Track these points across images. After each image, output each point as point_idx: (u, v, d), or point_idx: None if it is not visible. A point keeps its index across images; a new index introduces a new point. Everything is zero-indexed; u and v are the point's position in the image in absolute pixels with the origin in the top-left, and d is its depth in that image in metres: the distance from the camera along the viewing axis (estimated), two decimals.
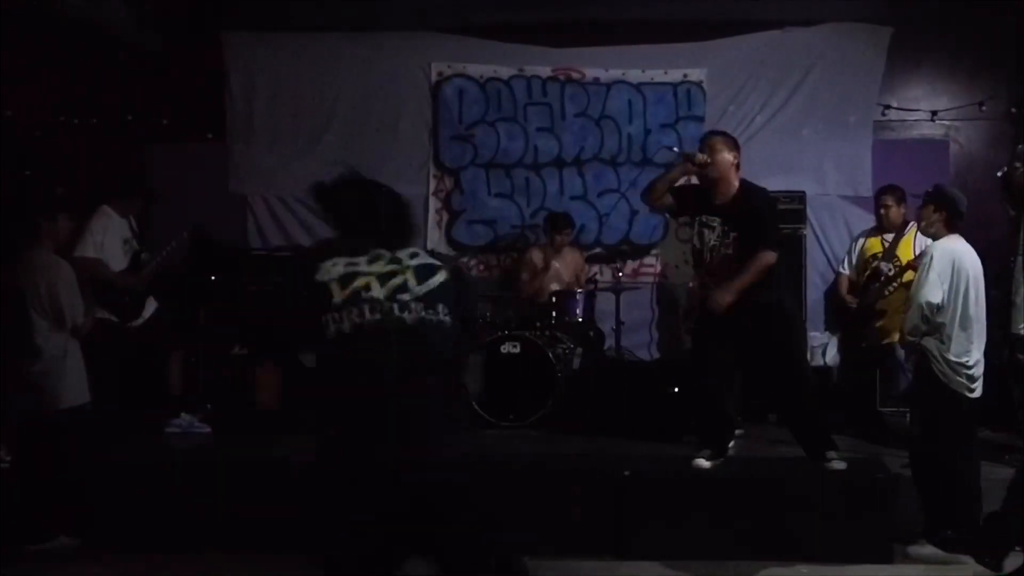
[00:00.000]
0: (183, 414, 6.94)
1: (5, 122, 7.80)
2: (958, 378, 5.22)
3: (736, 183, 5.65)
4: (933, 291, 5.18)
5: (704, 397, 5.81)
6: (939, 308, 5.17)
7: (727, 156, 5.61)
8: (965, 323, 5.21)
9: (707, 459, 5.61)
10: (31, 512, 5.61)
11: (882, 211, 7.00)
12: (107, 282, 6.68)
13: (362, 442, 3.11)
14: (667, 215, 7.59)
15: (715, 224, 5.59)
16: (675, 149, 5.91)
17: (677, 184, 5.79)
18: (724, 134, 5.88)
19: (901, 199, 6.96)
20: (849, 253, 7.35)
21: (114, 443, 6.22)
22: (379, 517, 3.09)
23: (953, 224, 5.38)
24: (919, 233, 6.69)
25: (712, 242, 5.59)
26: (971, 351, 5.25)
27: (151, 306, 6.96)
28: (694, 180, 5.86)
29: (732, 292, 5.44)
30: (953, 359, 5.18)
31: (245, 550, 5.44)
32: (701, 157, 5.57)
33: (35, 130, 8.15)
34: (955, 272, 5.22)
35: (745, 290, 5.45)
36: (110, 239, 6.79)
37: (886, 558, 5.25)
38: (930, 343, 5.23)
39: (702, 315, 5.80)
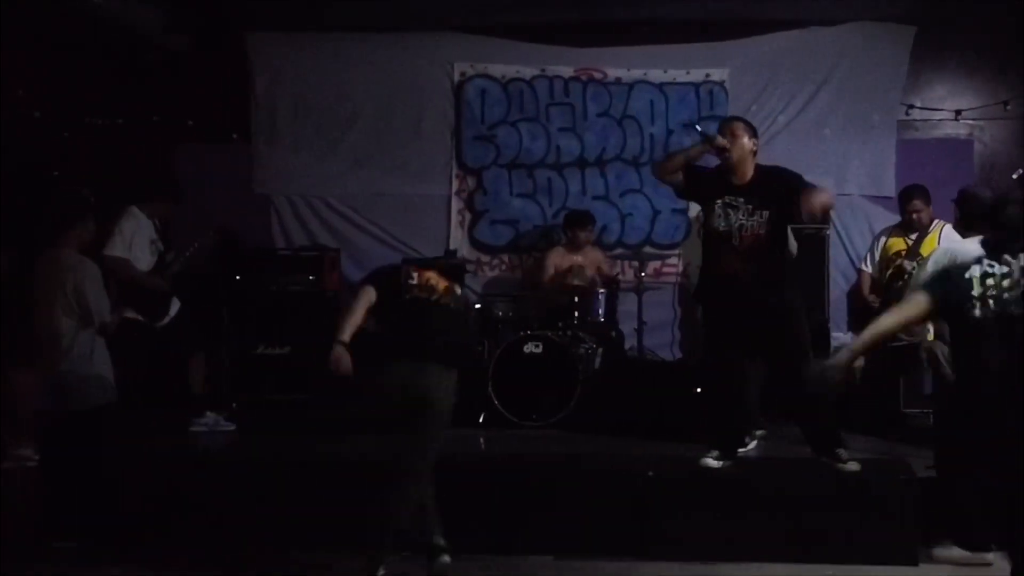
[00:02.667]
0: (208, 412, 6.99)
1: (34, 123, 7.87)
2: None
3: (752, 167, 5.65)
4: None
5: (718, 398, 5.81)
6: None
7: (747, 141, 5.61)
8: None
9: (715, 459, 5.61)
10: (58, 510, 5.66)
11: (913, 216, 6.93)
12: (134, 282, 6.73)
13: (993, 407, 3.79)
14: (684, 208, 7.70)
15: (739, 204, 5.55)
16: (697, 128, 5.84)
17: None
18: (744, 120, 5.86)
19: (928, 200, 6.92)
20: (871, 250, 7.32)
21: (141, 441, 6.27)
22: None
23: (969, 224, 5.37)
24: (943, 231, 6.72)
25: (739, 222, 5.56)
26: None
27: (175, 306, 7.01)
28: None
29: None
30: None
31: (271, 546, 5.48)
32: (721, 140, 5.55)
33: (63, 130, 8.22)
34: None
35: (757, 287, 5.48)
36: (138, 240, 6.84)
37: (911, 560, 5.22)
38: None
39: (715, 316, 5.80)
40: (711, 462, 5.60)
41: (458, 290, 5.31)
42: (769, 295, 5.50)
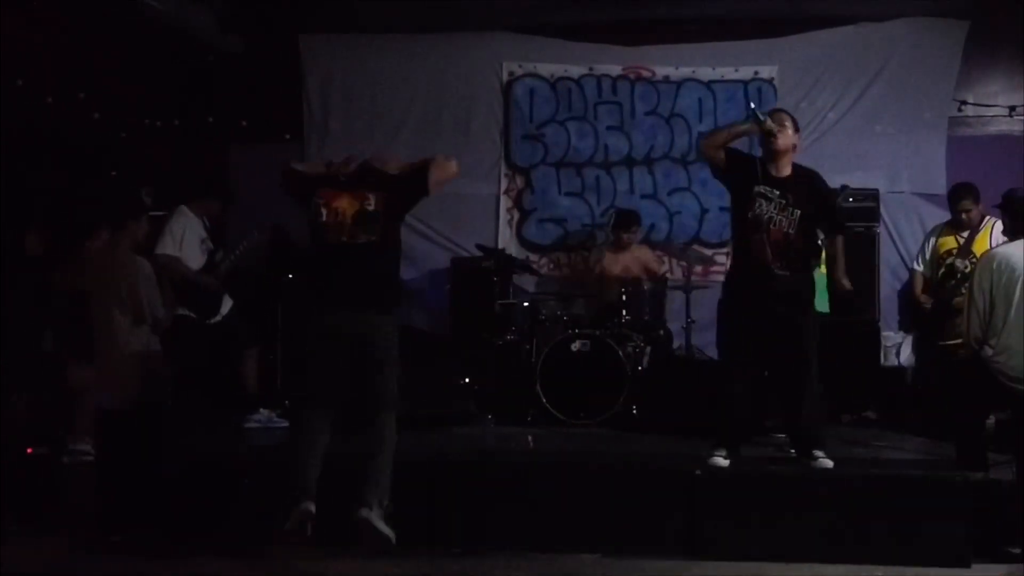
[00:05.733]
0: (261, 409, 7.09)
1: (93, 124, 8.03)
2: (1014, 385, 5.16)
3: (791, 164, 5.66)
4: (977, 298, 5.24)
5: (721, 396, 5.81)
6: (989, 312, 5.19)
7: (791, 134, 5.62)
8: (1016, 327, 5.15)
9: (724, 458, 5.62)
10: (113, 504, 5.77)
11: (963, 216, 6.87)
12: (186, 280, 6.85)
13: None
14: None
15: (773, 195, 5.55)
16: (752, 105, 5.82)
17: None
18: (791, 114, 5.84)
19: (978, 198, 6.85)
20: (922, 250, 7.24)
21: (194, 438, 6.36)
22: None
23: (1017, 229, 5.34)
24: (994, 228, 6.64)
25: (770, 213, 5.55)
26: None
27: (227, 304, 7.11)
28: None
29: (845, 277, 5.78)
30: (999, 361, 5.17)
31: (325, 543, 5.54)
32: (770, 124, 5.54)
33: (121, 132, 8.38)
34: (999, 276, 5.19)
35: (785, 289, 5.51)
36: (188, 238, 6.95)
37: (963, 562, 5.18)
38: (985, 350, 5.21)
39: (737, 310, 5.76)
40: (720, 461, 5.60)
41: (370, 205, 5.08)
42: (794, 302, 5.53)
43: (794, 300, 5.55)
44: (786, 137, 5.59)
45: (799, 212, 5.52)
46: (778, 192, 5.55)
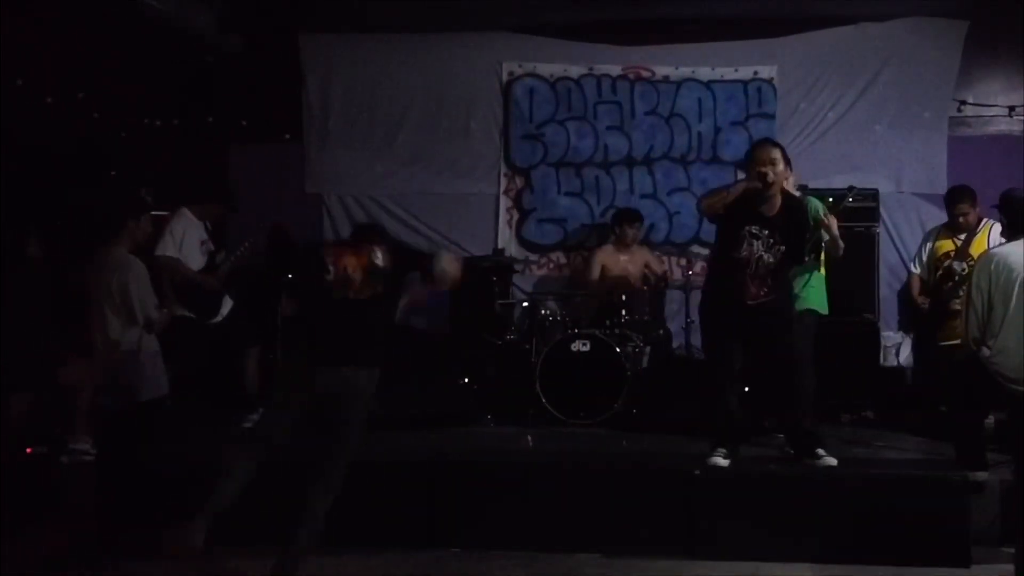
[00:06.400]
0: (261, 409, 7.07)
1: (92, 124, 8.04)
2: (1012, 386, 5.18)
3: (780, 196, 5.66)
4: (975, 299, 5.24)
5: (715, 398, 5.82)
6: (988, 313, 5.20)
7: (783, 169, 5.61)
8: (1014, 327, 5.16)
9: (724, 458, 5.63)
10: (113, 504, 5.77)
11: (960, 219, 6.87)
12: (186, 281, 6.85)
13: None
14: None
15: (763, 235, 5.57)
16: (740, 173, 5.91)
17: None
18: (780, 145, 5.82)
19: (975, 201, 6.84)
20: (920, 253, 7.23)
21: (193, 438, 6.37)
22: None
23: (1016, 229, 5.35)
24: (991, 231, 6.64)
25: (759, 253, 5.57)
26: None
27: (228, 304, 7.12)
28: None
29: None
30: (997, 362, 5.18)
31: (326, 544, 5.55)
32: (772, 175, 5.50)
33: (121, 132, 8.39)
34: (997, 277, 5.20)
35: (760, 296, 5.57)
36: (188, 240, 6.97)
37: (963, 561, 5.18)
38: (983, 351, 5.22)
39: (713, 319, 5.82)
40: (720, 461, 5.61)
41: (378, 259, 5.05)
42: (772, 305, 5.58)
43: (775, 320, 5.60)
44: (781, 175, 5.59)
45: (784, 248, 5.58)
46: (767, 231, 5.57)
